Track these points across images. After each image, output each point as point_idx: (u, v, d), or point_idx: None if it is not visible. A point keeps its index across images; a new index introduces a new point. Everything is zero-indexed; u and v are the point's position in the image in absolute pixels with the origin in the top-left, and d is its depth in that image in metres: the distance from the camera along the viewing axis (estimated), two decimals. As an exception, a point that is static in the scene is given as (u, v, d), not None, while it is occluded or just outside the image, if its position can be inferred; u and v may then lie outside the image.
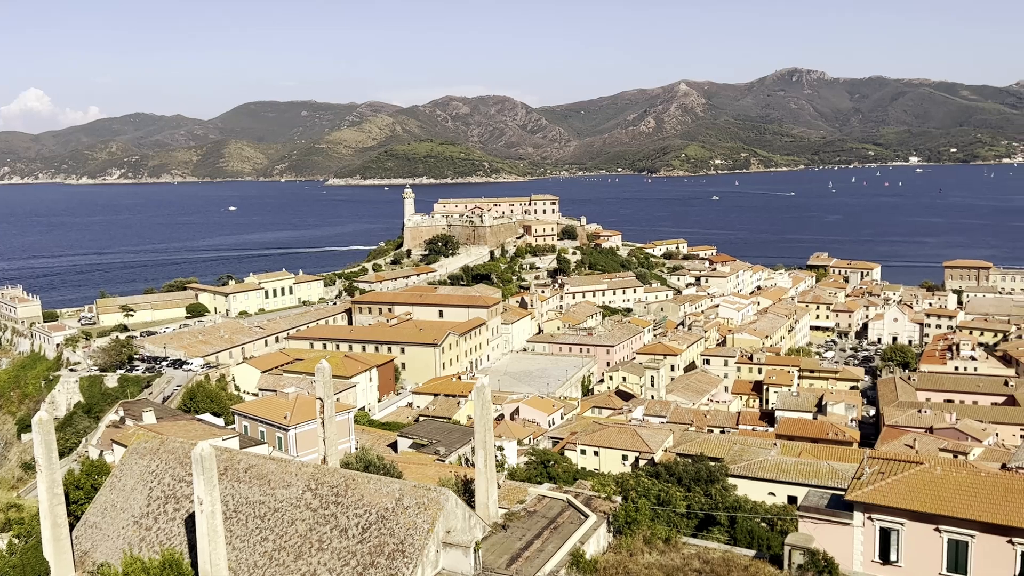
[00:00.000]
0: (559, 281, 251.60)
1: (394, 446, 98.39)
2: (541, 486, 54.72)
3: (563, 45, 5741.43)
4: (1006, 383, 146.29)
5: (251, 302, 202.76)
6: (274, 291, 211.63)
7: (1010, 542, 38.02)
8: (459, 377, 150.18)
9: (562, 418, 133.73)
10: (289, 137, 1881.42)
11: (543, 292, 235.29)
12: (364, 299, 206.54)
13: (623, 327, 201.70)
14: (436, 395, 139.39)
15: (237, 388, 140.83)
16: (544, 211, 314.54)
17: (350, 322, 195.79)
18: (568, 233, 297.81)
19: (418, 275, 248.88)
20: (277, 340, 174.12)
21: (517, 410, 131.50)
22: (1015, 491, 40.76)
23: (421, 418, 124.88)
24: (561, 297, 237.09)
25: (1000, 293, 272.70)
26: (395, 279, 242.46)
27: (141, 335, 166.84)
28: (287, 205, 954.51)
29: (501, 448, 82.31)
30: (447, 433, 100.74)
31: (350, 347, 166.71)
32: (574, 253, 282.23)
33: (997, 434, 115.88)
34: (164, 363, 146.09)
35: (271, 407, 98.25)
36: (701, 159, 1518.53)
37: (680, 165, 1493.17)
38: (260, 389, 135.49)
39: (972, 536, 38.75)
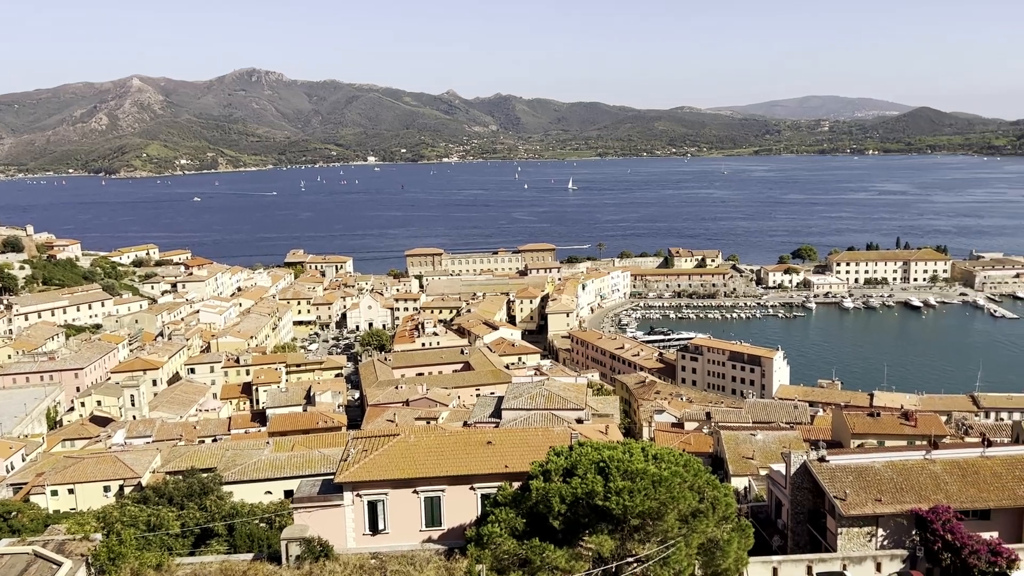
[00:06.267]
0: (5, 302, 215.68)
1: None
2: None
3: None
4: (462, 352, 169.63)
5: None
6: None
7: (472, 488, 44.06)
8: None
9: (24, 460, 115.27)
10: None
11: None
12: None
13: (93, 346, 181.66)
14: None
15: None
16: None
17: None
18: (11, 245, 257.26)
19: None
20: None
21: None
22: (473, 444, 47.41)
23: None
24: (10, 320, 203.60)
25: (452, 275, 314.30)
26: None
27: None
28: None
29: (-60, 511, 67.97)
30: None
31: None
32: (22, 268, 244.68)
33: (459, 396, 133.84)
34: None
35: None
36: (166, 159, 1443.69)
37: (143, 165, 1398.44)
38: None
39: (443, 490, 43.94)
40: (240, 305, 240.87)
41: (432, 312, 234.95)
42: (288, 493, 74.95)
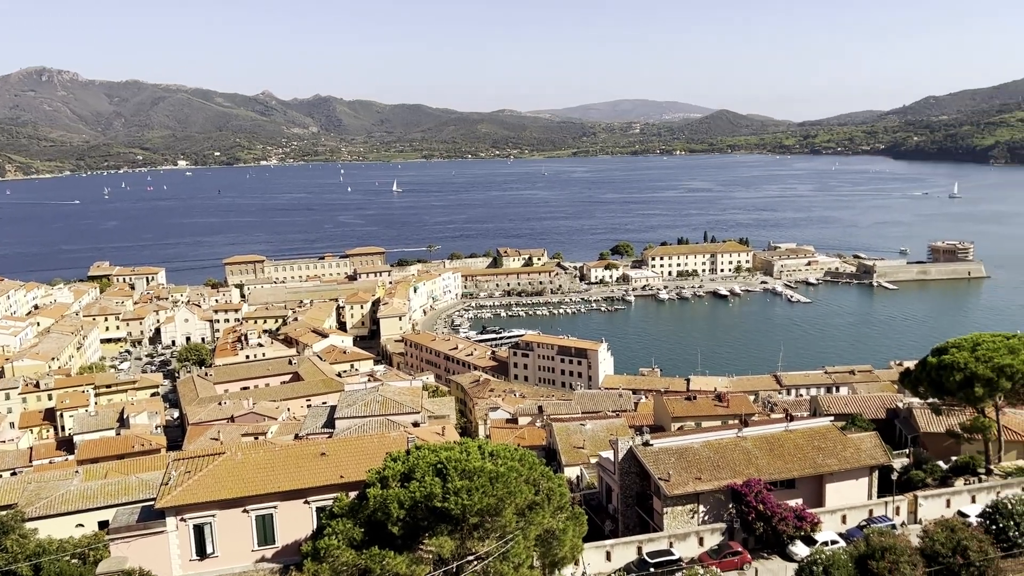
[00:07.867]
0: None
1: None
2: None
3: None
4: (290, 362, 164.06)
5: None
6: None
7: (306, 502, 42.76)
8: None
9: None
10: None
11: None
12: None
13: None
14: None
15: None
16: None
17: None
18: None
19: None
20: None
21: None
22: (305, 456, 46.00)
23: None
24: None
25: (276, 283, 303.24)
26: None
27: None
28: None
29: None
30: None
31: None
32: None
33: (289, 408, 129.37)
34: None
35: None
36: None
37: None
38: None
39: (276, 507, 42.35)
40: (38, 324, 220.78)
41: (256, 322, 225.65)
42: (103, 524, 69.53)
